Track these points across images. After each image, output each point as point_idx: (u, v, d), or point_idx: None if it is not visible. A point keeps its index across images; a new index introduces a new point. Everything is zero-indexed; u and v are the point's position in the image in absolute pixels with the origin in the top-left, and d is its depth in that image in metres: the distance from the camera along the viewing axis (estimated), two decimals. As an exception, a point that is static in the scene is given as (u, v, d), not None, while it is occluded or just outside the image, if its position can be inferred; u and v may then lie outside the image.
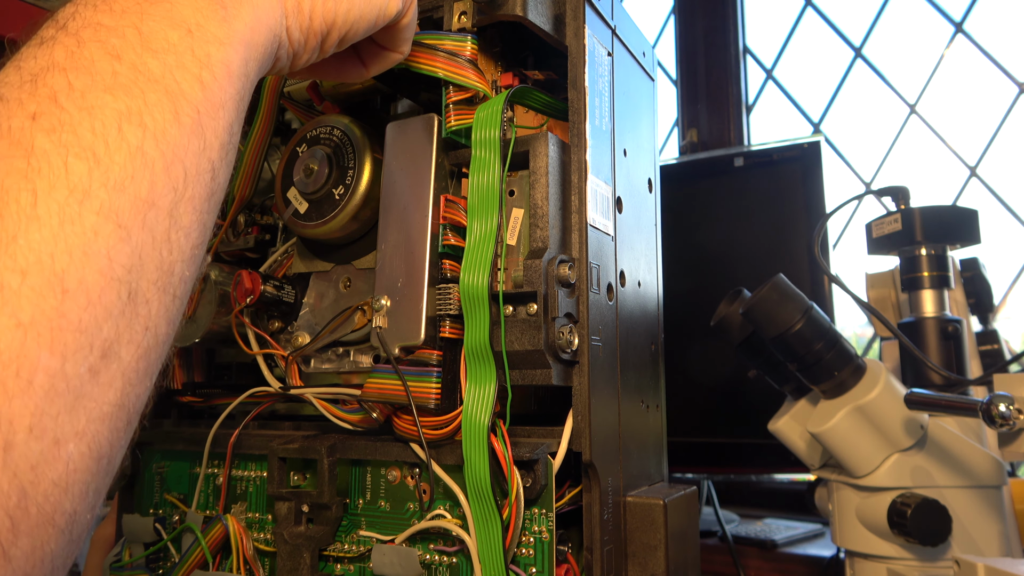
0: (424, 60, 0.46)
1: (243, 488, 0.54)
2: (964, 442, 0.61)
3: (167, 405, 0.62)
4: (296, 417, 0.58)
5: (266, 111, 0.55)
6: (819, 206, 0.93)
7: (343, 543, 0.49)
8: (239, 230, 0.59)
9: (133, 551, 0.56)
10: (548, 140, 0.45)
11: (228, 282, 0.56)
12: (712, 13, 1.32)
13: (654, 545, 0.45)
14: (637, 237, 0.54)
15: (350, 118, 0.52)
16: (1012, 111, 1.06)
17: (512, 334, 0.43)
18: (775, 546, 0.89)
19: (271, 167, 0.59)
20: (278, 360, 0.54)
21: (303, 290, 0.55)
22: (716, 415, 0.99)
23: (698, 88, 1.31)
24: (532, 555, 0.42)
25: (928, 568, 0.59)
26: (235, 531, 0.51)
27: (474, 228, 0.44)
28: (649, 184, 0.57)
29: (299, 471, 0.51)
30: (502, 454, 0.41)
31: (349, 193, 0.50)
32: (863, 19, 1.21)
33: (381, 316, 0.46)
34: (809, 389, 0.67)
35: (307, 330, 0.53)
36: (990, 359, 0.75)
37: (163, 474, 0.58)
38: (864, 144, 1.18)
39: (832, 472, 0.66)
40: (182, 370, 0.62)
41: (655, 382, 0.54)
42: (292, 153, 0.53)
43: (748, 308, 0.62)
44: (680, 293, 1.02)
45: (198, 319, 0.56)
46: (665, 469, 0.54)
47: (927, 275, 0.70)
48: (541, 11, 0.47)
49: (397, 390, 0.44)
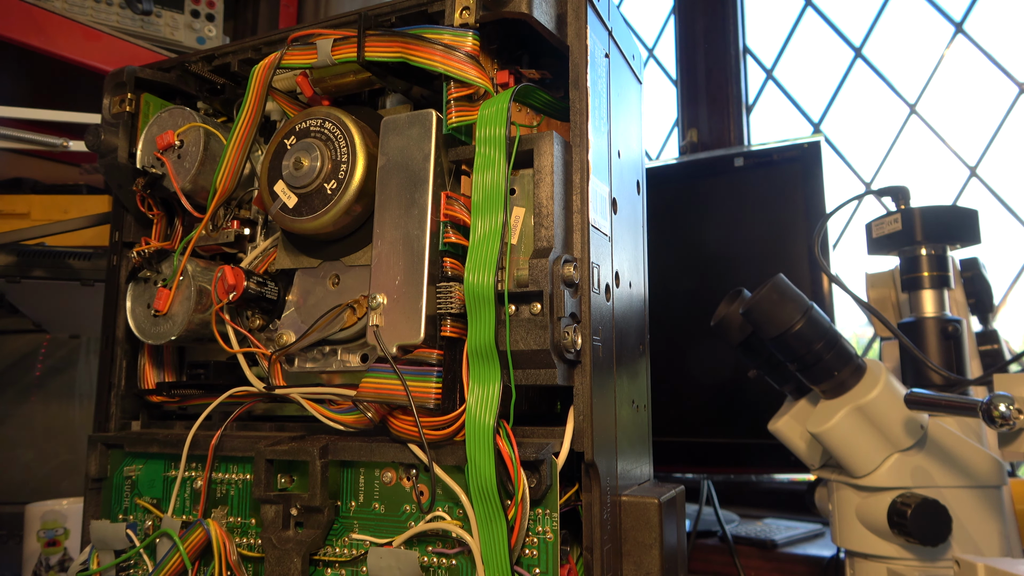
0: (423, 53, 0.46)
1: (223, 492, 0.52)
2: (964, 442, 0.61)
3: (136, 406, 0.60)
4: (276, 418, 0.57)
5: (253, 100, 0.53)
6: (819, 206, 0.93)
7: (335, 547, 0.48)
8: (218, 224, 0.57)
9: (102, 559, 0.54)
10: (553, 139, 0.45)
11: (204, 277, 0.55)
12: (712, 13, 1.32)
13: (649, 544, 0.45)
14: (628, 238, 0.54)
15: (343, 111, 0.51)
16: (1012, 111, 1.06)
17: (517, 333, 0.42)
18: (775, 546, 0.89)
19: (252, 160, 0.58)
20: (260, 359, 0.52)
21: (286, 287, 0.54)
22: (716, 415, 0.99)
23: (698, 88, 1.31)
24: (536, 556, 0.42)
25: (928, 568, 0.59)
26: (217, 536, 0.49)
27: (478, 226, 0.43)
28: (638, 186, 0.57)
29: (285, 473, 0.49)
30: (507, 455, 0.41)
31: (343, 188, 0.49)
32: (863, 19, 1.21)
33: (378, 314, 0.46)
34: (809, 389, 0.67)
35: (291, 328, 0.52)
36: (990, 359, 0.75)
37: (134, 478, 0.56)
38: (864, 144, 1.18)
39: (832, 472, 0.66)
40: (153, 369, 0.61)
41: (643, 382, 0.54)
42: (280, 146, 0.52)
43: (748, 308, 0.61)
44: (680, 293, 1.02)
45: (173, 316, 0.55)
46: (651, 469, 0.54)
47: (927, 275, 0.70)
48: (545, 10, 0.46)
49: (395, 390, 0.44)
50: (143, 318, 0.56)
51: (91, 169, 1.14)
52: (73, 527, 0.79)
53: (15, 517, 0.82)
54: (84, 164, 1.14)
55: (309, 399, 0.49)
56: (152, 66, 0.61)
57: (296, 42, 0.52)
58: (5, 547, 0.98)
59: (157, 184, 0.57)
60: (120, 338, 0.60)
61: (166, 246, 0.58)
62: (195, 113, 0.57)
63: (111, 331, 0.61)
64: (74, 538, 0.79)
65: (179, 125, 0.57)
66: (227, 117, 0.62)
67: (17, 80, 1.02)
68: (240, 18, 1.46)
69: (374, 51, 0.48)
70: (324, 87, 0.54)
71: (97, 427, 0.60)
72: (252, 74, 0.53)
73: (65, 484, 1.13)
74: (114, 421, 0.60)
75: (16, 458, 1.14)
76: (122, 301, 0.60)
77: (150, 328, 0.56)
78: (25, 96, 1.08)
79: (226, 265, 0.52)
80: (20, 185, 1.05)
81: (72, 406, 1.19)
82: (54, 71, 0.94)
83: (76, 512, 0.78)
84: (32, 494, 0.84)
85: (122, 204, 0.61)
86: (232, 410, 0.54)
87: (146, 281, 0.57)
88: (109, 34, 0.95)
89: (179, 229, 0.60)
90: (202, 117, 0.58)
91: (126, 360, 0.60)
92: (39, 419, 1.17)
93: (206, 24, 1.13)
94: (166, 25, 1.09)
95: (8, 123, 0.85)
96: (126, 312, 0.57)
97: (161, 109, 0.59)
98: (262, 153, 0.57)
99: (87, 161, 1.12)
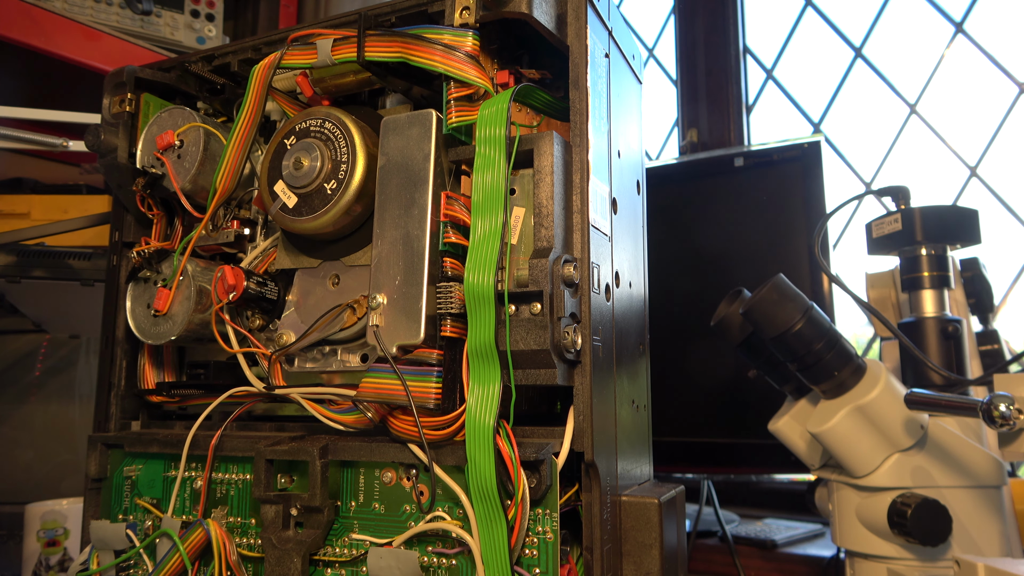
0: (423, 53, 0.46)
1: (223, 492, 0.52)
2: (964, 442, 0.61)
3: (136, 406, 0.60)
4: (275, 418, 0.57)
5: (253, 100, 0.53)
6: (819, 206, 0.93)
7: (334, 547, 0.48)
8: (218, 224, 0.57)
9: (102, 559, 0.54)
10: (553, 139, 0.45)
11: (204, 277, 0.55)
12: (712, 13, 1.32)
13: (649, 544, 0.45)
14: (628, 238, 0.53)
15: (343, 111, 0.51)
16: (1012, 111, 1.06)
17: (517, 333, 0.42)
18: (775, 546, 0.89)
19: (252, 160, 0.58)
20: (260, 359, 0.52)
21: (286, 287, 0.54)
22: (716, 415, 0.99)
23: (698, 88, 1.31)
24: (536, 556, 0.42)
25: (928, 568, 0.59)
26: (217, 536, 0.49)
27: (478, 226, 0.43)
28: (637, 186, 0.57)
29: (285, 473, 0.50)
30: (508, 455, 0.41)
31: (343, 188, 0.49)
32: (863, 19, 1.21)
33: (378, 314, 0.45)
34: (809, 389, 0.67)
35: (291, 328, 0.52)
36: (990, 359, 0.75)
37: (134, 478, 0.56)
38: (864, 144, 1.18)
39: (832, 472, 0.66)
40: (153, 369, 0.61)
41: (643, 382, 0.54)
42: (280, 146, 0.52)
43: (748, 308, 0.61)
44: (680, 293, 1.02)
45: (173, 316, 0.55)
46: (651, 469, 0.54)
47: (927, 275, 0.70)
48: (545, 10, 0.46)
49: (395, 390, 0.44)
50: (143, 318, 0.56)
51: (91, 169, 1.14)
52: (73, 527, 0.79)
53: (15, 517, 0.82)
54: (84, 164, 1.14)
55: (309, 399, 0.49)
56: (152, 66, 0.61)
57: (296, 42, 0.52)
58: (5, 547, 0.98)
59: (157, 184, 0.57)
60: (120, 338, 0.60)
61: (166, 246, 0.58)
62: (195, 113, 0.57)
63: (111, 331, 0.61)
64: (74, 538, 0.79)
65: (179, 125, 0.57)
66: (227, 117, 0.62)
67: (17, 80, 1.02)
68: (240, 18, 1.46)
69: (374, 51, 0.48)
70: (324, 87, 0.54)
71: (97, 427, 0.60)
72: (252, 74, 0.53)
73: (65, 484, 1.13)
74: (114, 421, 0.60)
75: (16, 458, 1.14)
76: (122, 301, 0.60)
77: (150, 328, 0.56)
78: (25, 96, 1.08)
79: (226, 265, 0.52)
80: (20, 185, 1.05)
81: (72, 406, 1.19)
82: (54, 71, 0.94)
83: (76, 512, 0.78)
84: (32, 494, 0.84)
85: (122, 204, 0.61)
86: (232, 410, 0.54)
87: (146, 281, 0.57)
88: (109, 34, 0.95)
89: (179, 229, 0.60)
90: (202, 117, 0.58)
91: (126, 360, 0.60)
92: (39, 419, 1.17)
93: (206, 24, 1.13)
94: (166, 25, 1.09)
95: (8, 123, 0.85)
96: (126, 312, 0.57)
97: (161, 109, 0.59)
98: (262, 153, 0.57)
99: (87, 161, 1.12)
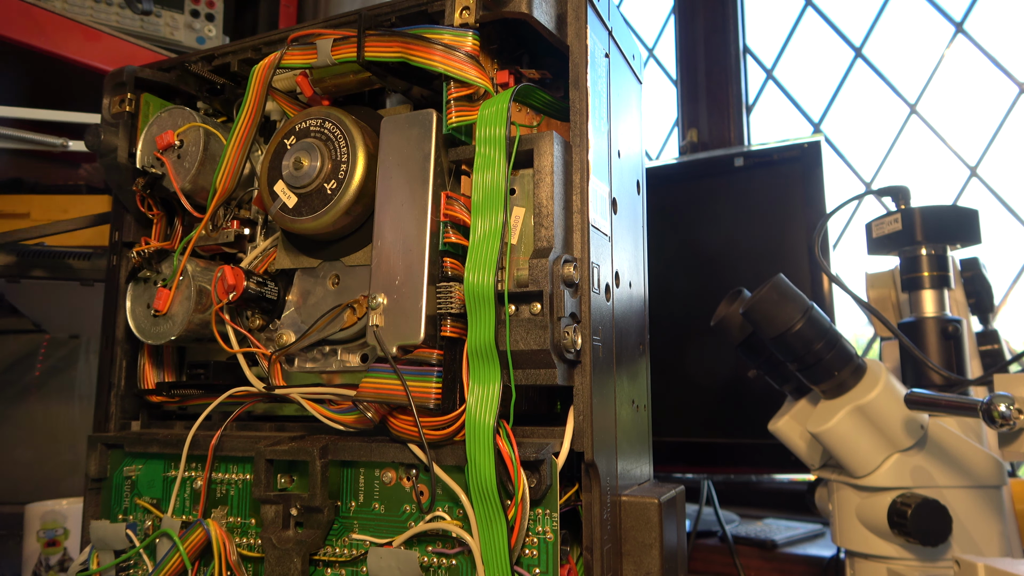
0: (423, 53, 0.46)
1: (223, 492, 0.52)
2: (964, 442, 0.61)
3: (135, 406, 0.60)
4: (275, 418, 0.57)
5: (253, 100, 0.53)
6: (819, 206, 0.93)
7: (334, 547, 0.48)
8: (218, 224, 0.57)
9: (102, 559, 0.54)
10: (553, 139, 0.45)
11: (204, 277, 0.55)
12: (712, 13, 1.32)
13: (649, 544, 0.45)
14: (628, 238, 0.54)
15: (343, 111, 0.51)
16: (1012, 111, 1.06)
17: (517, 333, 0.42)
18: (775, 546, 0.89)
19: (252, 160, 0.58)
20: (260, 359, 0.52)
21: (286, 287, 0.54)
22: (716, 415, 0.99)
23: (698, 88, 1.31)
24: (536, 556, 0.42)
25: (928, 568, 0.59)
26: (217, 536, 0.49)
27: (478, 226, 0.43)
28: (637, 186, 0.57)
29: (285, 473, 0.50)
30: (507, 455, 0.41)
31: (342, 188, 0.49)
32: (863, 19, 1.21)
33: (378, 314, 0.46)
34: (809, 389, 0.67)
35: (291, 328, 0.52)
36: (990, 359, 0.75)
37: (134, 478, 0.56)
38: (864, 144, 1.18)
39: (832, 472, 0.66)
40: (153, 369, 0.61)
41: (643, 382, 0.54)
42: (280, 146, 0.52)
43: (748, 308, 0.61)
44: (680, 293, 1.02)
45: (173, 316, 0.55)
46: (651, 469, 0.54)
47: (927, 275, 0.70)
48: (545, 10, 0.46)
49: (395, 390, 0.44)
50: (143, 318, 0.56)
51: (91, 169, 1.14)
52: (73, 527, 0.79)
53: (15, 517, 0.82)
54: (84, 164, 1.14)
55: (309, 399, 0.49)
56: (152, 66, 0.61)
57: (296, 42, 0.52)
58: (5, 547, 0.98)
59: (157, 184, 0.57)
60: (120, 338, 0.60)
61: (166, 246, 0.58)
62: (195, 113, 0.57)
63: (111, 331, 0.61)
64: (74, 538, 0.79)
65: (179, 125, 0.57)
66: (227, 117, 0.62)
67: (17, 80, 1.02)
68: (240, 18, 1.46)
69: (374, 51, 0.48)
70: (324, 87, 0.54)
71: (97, 427, 0.60)
72: (252, 74, 0.53)
73: (65, 484, 1.13)
74: (114, 421, 0.60)
75: (16, 458, 1.14)
76: (122, 301, 0.60)
77: (150, 328, 0.56)
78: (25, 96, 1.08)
79: (226, 265, 0.52)
80: (20, 185, 1.05)
81: (72, 406, 1.19)
82: (54, 71, 0.94)
83: (76, 512, 0.78)
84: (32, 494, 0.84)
85: (122, 204, 0.61)
86: (232, 410, 0.54)
87: (146, 281, 0.57)
88: (109, 34, 0.95)
89: (179, 229, 0.60)
90: (202, 117, 0.58)
91: (126, 360, 0.60)
92: (39, 419, 1.17)
93: (206, 24, 1.13)
94: (166, 25, 1.09)
95: (8, 123, 0.85)
96: (126, 312, 0.57)
97: (161, 109, 0.59)
98: (262, 153, 0.57)
99: (87, 161, 1.12)
